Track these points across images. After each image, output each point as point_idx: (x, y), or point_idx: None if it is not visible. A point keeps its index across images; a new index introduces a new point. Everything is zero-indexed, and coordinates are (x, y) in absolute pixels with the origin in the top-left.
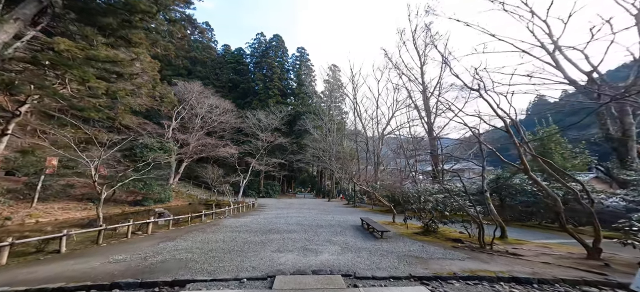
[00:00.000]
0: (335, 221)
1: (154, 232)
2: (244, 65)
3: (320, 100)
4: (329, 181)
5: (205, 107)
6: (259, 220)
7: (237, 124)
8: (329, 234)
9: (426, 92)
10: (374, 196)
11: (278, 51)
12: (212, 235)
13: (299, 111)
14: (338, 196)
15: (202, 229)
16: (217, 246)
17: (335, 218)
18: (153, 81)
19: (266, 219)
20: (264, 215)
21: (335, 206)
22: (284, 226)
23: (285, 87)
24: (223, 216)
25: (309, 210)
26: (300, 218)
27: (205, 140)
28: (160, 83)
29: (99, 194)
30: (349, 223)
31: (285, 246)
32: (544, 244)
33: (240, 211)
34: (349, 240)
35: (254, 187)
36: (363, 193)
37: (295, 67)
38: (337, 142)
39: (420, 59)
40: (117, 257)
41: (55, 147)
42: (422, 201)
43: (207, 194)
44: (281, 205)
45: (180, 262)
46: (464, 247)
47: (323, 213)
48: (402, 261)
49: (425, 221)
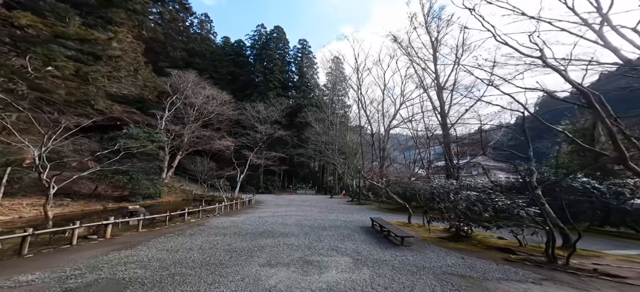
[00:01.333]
0: (340, 221)
1: (115, 235)
2: (244, 57)
3: (322, 93)
4: (331, 177)
5: (201, 98)
6: (252, 219)
7: (235, 116)
8: (335, 238)
9: (439, 81)
10: (381, 193)
11: (279, 43)
12: (188, 240)
13: (300, 104)
14: (341, 193)
15: (180, 232)
16: (188, 256)
17: (340, 217)
18: (136, 64)
19: (261, 218)
20: (260, 213)
21: (339, 203)
22: (280, 228)
23: (286, 80)
24: (212, 214)
25: (310, 207)
26: (300, 217)
27: (200, 132)
28: (146, 67)
29: (47, 188)
30: (357, 224)
31: (278, 257)
32: (628, 257)
33: (234, 208)
34: (361, 247)
35: (253, 182)
36: (368, 189)
37: (296, 59)
38: (340, 136)
39: (432, 45)
40: (23, 278)
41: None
42: (451, 199)
43: (203, 190)
44: (280, 202)
45: (118, 286)
46: (523, 262)
47: (326, 211)
48: (445, 284)
49: (454, 223)
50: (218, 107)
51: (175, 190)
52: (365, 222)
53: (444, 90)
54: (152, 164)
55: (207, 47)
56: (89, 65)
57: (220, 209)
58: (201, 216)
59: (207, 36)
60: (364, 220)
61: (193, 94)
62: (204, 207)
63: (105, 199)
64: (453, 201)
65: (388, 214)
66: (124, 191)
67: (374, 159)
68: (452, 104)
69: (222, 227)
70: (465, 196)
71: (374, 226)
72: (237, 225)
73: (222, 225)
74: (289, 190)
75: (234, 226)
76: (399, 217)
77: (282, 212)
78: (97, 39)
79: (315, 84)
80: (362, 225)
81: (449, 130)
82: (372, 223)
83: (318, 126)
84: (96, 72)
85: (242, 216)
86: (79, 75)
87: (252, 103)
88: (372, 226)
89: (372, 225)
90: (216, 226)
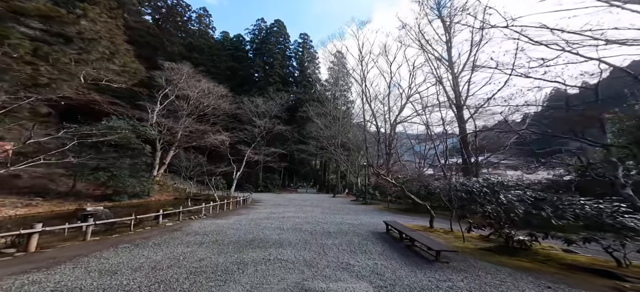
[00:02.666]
0: (347, 224)
1: (45, 247)
2: (243, 52)
3: (324, 88)
4: (333, 175)
5: (196, 92)
6: (243, 223)
7: (233, 110)
8: (344, 250)
9: (454, 70)
10: (390, 192)
11: (279, 37)
12: (145, 253)
13: (301, 98)
14: (344, 192)
15: (143, 241)
16: (127, 283)
17: (346, 219)
18: (112, 48)
19: (253, 221)
20: (254, 214)
21: (342, 203)
22: (274, 234)
23: (286, 75)
24: (197, 216)
25: (311, 207)
26: (299, 220)
27: (194, 126)
28: (126, 53)
29: None
30: (367, 228)
31: (265, 282)
32: None
33: (226, 208)
34: (381, 265)
35: (252, 180)
36: (375, 188)
37: (297, 54)
38: (343, 131)
39: (446, 30)
40: None
41: None
42: (500, 200)
43: (199, 188)
44: (279, 201)
45: None
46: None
47: (329, 212)
48: None
49: (504, 231)
50: (214, 100)
51: (167, 188)
52: (377, 226)
53: (458, 79)
54: (138, 160)
55: (206, 41)
56: (51, 45)
57: (208, 210)
58: (182, 219)
59: (205, 31)
60: (376, 223)
61: (188, 87)
62: (188, 208)
63: (85, 198)
64: (504, 203)
65: (401, 216)
66: (107, 189)
67: (380, 156)
68: (469, 95)
69: (201, 234)
70: (516, 196)
71: (390, 232)
72: (221, 230)
73: (204, 230)
74: (289, 189)
75: (217, 232)
76: (415, 220)
77: (279, 213)
78: (61, 16)
79: (316, 78)
80: (374, 230)
81: (465, 124)
82: (387, 228)
83: (320, 121)
84: (58, 52)
85: (233, 218)
86: (39, 56)
87: (250, 97)
88: (387, 231)
89: (387, 230)
90: (195, 232)
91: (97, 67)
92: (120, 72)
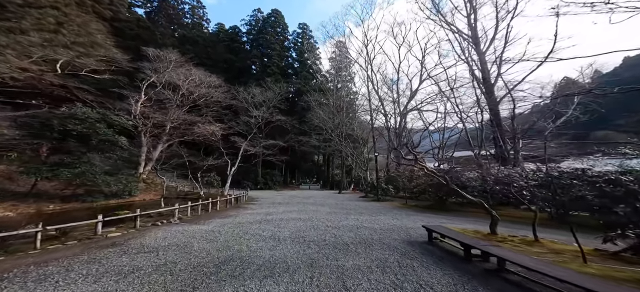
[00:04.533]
0: (366, 229)
1: None
2: (240, 43)
3: (325, 80)
4: (338, 170)
5: (186, 82)
6: (224, 230)
7: (227, 101)
8: (381, 283)
9: (480, 46)
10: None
11: (277, 28)
12: None
13: (301, 89)
14: (349, 187)
15: (23, 272)
16: None
17: (362, 222)
18: (59, 16)
19: (241, 226)
20: (244, 216)
21: (351, 200)
22: (264, 248)
23: (285, 67)
24: (167, 221)
25: (315, 206)
26: (301, 224)
27: (183, 117)
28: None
29: None
30: (397, 234)
31: None
32: None
33: (211, 208)
34: None
35: (251, 177)
36: (387, 182)
37: (297, 45)
38: (348, 123)
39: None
40: None
41: None
42: None
43: (192, 186)
44: (279, 199)
45: None
46: None
47: (339, 212)
48: None
49: None
50: (206, 90)
51: (155, 186)
52: (409, 232)
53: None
54: (112, 155)
55: (200, 33)
56: None
57: (186, 212)
58: (139, 225)
59: (199, 23)
60: (405, 227)
61: (176, 77)
62: (161, 210)
63: (50, 199)
64: None
65: (429, 215)
66: (78, 188)
67: (390, 148)
68: (500, 74)
69: (150, 251)
70: None
71: (437, 241)
72: (186, 244)
73: (159, 244)
74: (291, 185)
75: (178, 247)
76: (453, 221)
77: (277, 214)
78: None
79: (317, 69)
80: (408, 238)
81: (498, 106)
82: (430, 236)
83: (322, 111)
84: None
85: (215, 222)
86: None
87: (247, 88)
88: (430, 240)
89: (430, 239)
90: (143, 248)
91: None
92: (70, 45)
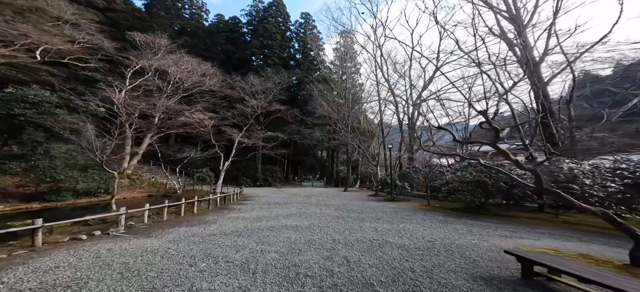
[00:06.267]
0: (397, 250)
1: None
2: (239, 34)
3: (329, 72)
4: (343, 166)
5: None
6: (177, 250)
7: (223, 91)
8: None
9: (520, 20)
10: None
11: (278, 17)
12: None
13: (303, 80)
14: (355, 184)
15: None
16: None
17: (385, 235)
18: None
19: (206, 243)
20: (222, 224)
21: (360, 199)
22: (232, 286)
23: (287, 58)
24: (107, 231)
25: (318, 207)
26: (296, 238)
27: (174, 107)
28: None
29: None
30: (456, 266)
31: None
32: None
33: (184, 211)
34: None
35: (250, 173)
36: (402, 178)
37: (299, 35)
38: (353, 115)
39: None
40: None
41: None
42: None
43: (185, 182)
44: (277, 198)
45: None
46: None
47: (347, 216)
48: None
49: None
50: (199, 78)
51: (141, 182)
52: (470, 256)
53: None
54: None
55: (198, 25)
56: None
57: (142, 218)
58: (43, 244)
59: (198, 13)
60: (455, 245)
61: (166, 64)
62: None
63: (5, 198)
64: None
65: (471, 221)
66: (41, 185)
67: (412, 141)
68: (548, 50)
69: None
70: None
71: (537, 280)
72: (80, 282)
73: (25, 287)
74: (293, 182)
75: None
76: (514, 233)
77: (267, 220)
78: None
79: (320, 61)
80: (477, 271)
81: (547, 86)
82: (528, 269)
83: (325, 102)
84: None
85: (174, 234)
86: None
87: (245, 78)
88: (525, 276)
89: (525, 275)
90: None
91: None
92: None
